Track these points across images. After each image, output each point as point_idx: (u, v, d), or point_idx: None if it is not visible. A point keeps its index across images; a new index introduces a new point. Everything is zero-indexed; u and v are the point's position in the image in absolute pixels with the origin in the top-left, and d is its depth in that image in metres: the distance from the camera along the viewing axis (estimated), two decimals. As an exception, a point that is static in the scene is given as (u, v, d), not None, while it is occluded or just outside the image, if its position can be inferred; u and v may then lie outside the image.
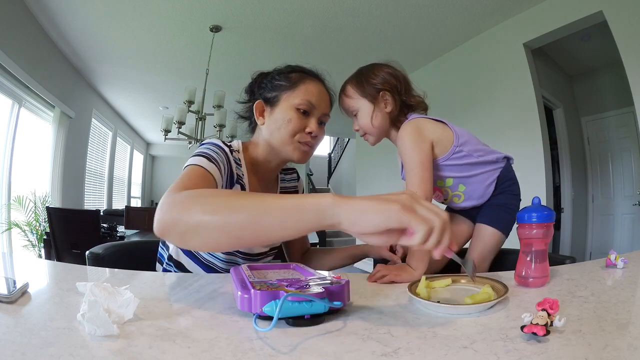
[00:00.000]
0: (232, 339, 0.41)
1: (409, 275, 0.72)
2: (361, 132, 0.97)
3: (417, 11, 2.89)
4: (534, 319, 0.41)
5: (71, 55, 3.82)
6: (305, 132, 0.83)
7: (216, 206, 0.50)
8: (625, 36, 2.32)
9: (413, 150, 0.87)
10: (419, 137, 0.88)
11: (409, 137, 0.89)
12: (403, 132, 0.91)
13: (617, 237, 3.74)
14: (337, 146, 9.91)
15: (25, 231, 3.22)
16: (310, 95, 0.83)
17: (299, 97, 0.82)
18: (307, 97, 0.83)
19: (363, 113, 0.94)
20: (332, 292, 0.50)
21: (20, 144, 3.18)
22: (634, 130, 3.10)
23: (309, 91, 0.84)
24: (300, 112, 0.83)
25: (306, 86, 0.84)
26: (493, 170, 0.95)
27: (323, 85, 0.88)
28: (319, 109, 0.84)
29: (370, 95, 0.93)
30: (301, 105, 0.82)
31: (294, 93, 0.83)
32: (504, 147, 3.00)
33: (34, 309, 0.48)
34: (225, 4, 2.81)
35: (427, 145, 0.88)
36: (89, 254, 0.91)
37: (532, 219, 0.64)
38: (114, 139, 5.88)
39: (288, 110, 0.83)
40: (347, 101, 0.96)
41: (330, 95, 0.90)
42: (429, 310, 0.51)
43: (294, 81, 0.84)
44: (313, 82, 0.86)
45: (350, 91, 0.95)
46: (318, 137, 0.86)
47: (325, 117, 0.87)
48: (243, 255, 0.88)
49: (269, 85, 0.87)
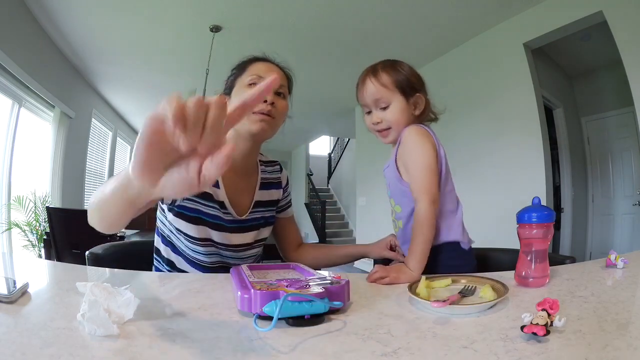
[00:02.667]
0: (232, 339, 0.41)
1: (407, 277, 0.71)
2: (383, 126, 0.89)
3: (417, 11, 2.89)
4: (534, 319, 0.41)
5: (71, 55, 3.82)
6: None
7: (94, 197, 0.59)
8: (625, 36, 2.32)
9: (421, 149, 0.82)
10: (426, 140, 0.84)
11: (418, 138, 0.84)
12: (412, 131, 0.85)
13: (617, 237, 3.74)
14: (337, 146, 9.92)
15: (25, 231, 3.22)
16: (258, 71, 0.87)
17: (248, 75, 0.87)
18: (255, 72, 0.87)
19: (396, 108, 0.86)
20: (332, 292, 0.50)
21: (20, 144, 3.18)
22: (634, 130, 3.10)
23: (256, 68, 0.88)
24: (252, 87, 0.81)
25: (253, 66, 0.89)
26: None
27: (269, 63, 0.92)
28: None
29: (406, 93, 0.87)
30: (252, 80, 0.86)
31: (244, 74, 0.88)
32: (504, 147, 3.02)
33: (34, 309, 0.48)
34: (225, 4, 2.81)
35: (433, 150, 0.84)
36: (89, 254, 0.91)
37: (532, 219, 0.64)
38: (114, 139, 5.87)
39: (240, 90, 0.87)
40: (379, 89, 0.86)
41: (282, 70, 0.93)
42: (429, 310, 0.51)
43: (243, 66, 0.91)
44: (258, 62, 0.90)
45: (386, 79, 0.86)
46: (275, 106, 0.84)
47: (282, 88, 0.89)
48: (223, 246, 0.87)
49: (229, 79, 0.93)
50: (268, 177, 1.00)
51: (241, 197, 0.91)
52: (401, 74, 0.87)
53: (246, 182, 0.93)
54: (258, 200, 0.94)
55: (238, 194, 0.90)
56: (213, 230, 0.84)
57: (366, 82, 0.88)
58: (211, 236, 0.85)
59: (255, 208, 0.93)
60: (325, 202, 8.13)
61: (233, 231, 0.87)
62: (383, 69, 0.88)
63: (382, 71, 0.87)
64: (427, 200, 0.78)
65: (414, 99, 0.88)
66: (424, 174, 0.81)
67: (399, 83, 0.86)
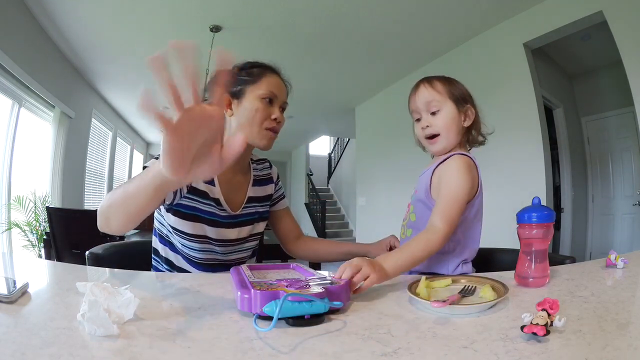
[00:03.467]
0: (232, 339, 0.41)
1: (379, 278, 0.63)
2: (431, 131, 0.89)
3: (417, 11, 2.89)
4: (534, 319, 0.41)
5: (71, 55, 3.82)
6: (271, 119, 0.93)
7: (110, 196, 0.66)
8: (625, 36, 2.31)
9: (461, 180, 0.81)
10: (469, 173, 0.82)
11: (463, 166, 0.83)
12: (459, 160, 0.85)
13: (617, 237, 3.74)
14: (337, 146, 9.92)
15: (25, 231, 3.22)
16: (272, 87, 0.93)
17: (263, 89, 0.92)
18: (270, 88, 0.93)
19: (446, 113, 0.88)
20: (332, 292, 0.50)
21: (20, 144, 3.18)
22: (634, 130, 3.10)
23: (270, 83, 0.94)
24: (266, 102, 0.92)
25: (267, 79, 0.94)
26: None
27: (280, 78, 0.98)
28: (280, 98, 0.95)
29: (457, 102, 0.88)
30: (266, 95, 0.92)
31: (258, 85, 0.92)
32: (504, 147, 3.02)
33: (34, 309, 0.48)
34: (225, 4, 2.81)
35: (471, 186, 0.82)
36: (89, 254, 0.91)
37: (532, 219, 0.64)
38: (114, 139, 5.87)
39: (254, 100, 0.91)
40: (433, 94, 0.88)
41: (286, 86, 1.00)
42: (429, 310, 0.51)
43: (256, 75, 0.94)
44: (272, 75, 0.96)
45: (440, 87, 0.89)
46: (281, 123, 0.95)
47: (285, 105, 0.98)
48: (218, 242, 0.92)
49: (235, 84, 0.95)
50: (259, 175, 1.06)
51: (235, 194, 0.96)
52: (454, 85, 0.91)
53: (240, 181, 0.99)
54: (251, 196, 1.00)
55: (232, 191, 0.96)
56: (208, 227, 0.89)
57: (419, 87, 0.91)
58: (206, 232, 0.89)
59: (248, 203, 0.98)
60: (325, 202, 8.13)
61: (228, 226, 0.93)
62: (437, 78, 0.92)
63: (436, 80, 0.91)
64: (446, 229, 0.75)
65: (464, 109, 0.89)
66: (452, 203, 0.79)
67: (451, 91, 0.89)
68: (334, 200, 9.52)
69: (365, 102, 5.23)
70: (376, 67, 4.04)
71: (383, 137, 4.68)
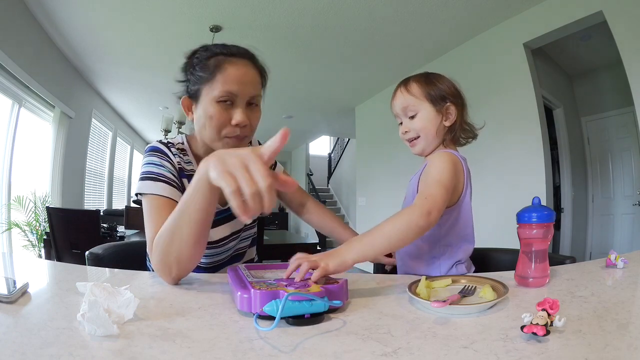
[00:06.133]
0: (232, 339, 0.41)
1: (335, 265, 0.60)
2: (412, 135, 0.89)
3: (417, 11, 2.89)
4: (534, 319, 0.41)
5: (71, 55, 3.82)
6: (232, 125, 0.77)
7: (156, 247, 0.65)
8: (625, 36, 2.32)
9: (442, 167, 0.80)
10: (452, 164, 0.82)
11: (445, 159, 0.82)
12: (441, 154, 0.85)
13: (617, 237, 3.74)
14: (337, 146, 9.92)
15: (25, 231, 3.22)
16: (230, 84, 0.76)
17: (218, 89, 0.75)
18: (227, 87, 0.75)
19: (423, 116, 0.88)
20: (331, 291, 0.50)
21: (20, 144, 3.18)
22: (634, 130, 3.10)
23: (228, 78, 0.76)
24: (223, 104, 0.76)
25: (225, 73, 0.76)
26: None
27: (246, 64, 0.79)
28: (243, 95, 0.77)
29: (435, 102, 0.88)
30: (221, 97, 0.75)
31: (213, 85, 0.76)
32: (504, 147, 3.02)
33: (34, 309, 0.48)
34: (225, 4, 2.81)
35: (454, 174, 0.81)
36: (89, 254, 0.91)
37: (532, 219, 0.64)
38: (114, 139, 5.87)
39: (209, 105, 0.76)
40: (408, 98, 0.89)
41: (259, 71, 0.82)
42: (429, 310, 0.51)
43: (212, 70, 0.77)
44: (233, 64, 0.77)
45: (416, 90, 0.89)
46: (248, 126, 0.79)
47: (255, 99, 0.80)
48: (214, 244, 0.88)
49: (192, 77, 0.81)
50: None
51: None
52: (432, 84, 0.89)
53: None
54: None
55: None
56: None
57: (397, 92, 0.92)
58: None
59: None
60: (326, 202, 8.14)
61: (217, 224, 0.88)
62: (414, 79, 0.91)
63: (412, 81, 0.91)
64: (425, 206, 0.69)
65: (444, 108, 0.88)
66: (432, 183, 0.77)
67: (427, 92, 0.88)
68: (334, 200, 9.53)
69: (365, 102, 5.23)
70: (376, 67, 4.04)
71: (383, 137, 4.68)
